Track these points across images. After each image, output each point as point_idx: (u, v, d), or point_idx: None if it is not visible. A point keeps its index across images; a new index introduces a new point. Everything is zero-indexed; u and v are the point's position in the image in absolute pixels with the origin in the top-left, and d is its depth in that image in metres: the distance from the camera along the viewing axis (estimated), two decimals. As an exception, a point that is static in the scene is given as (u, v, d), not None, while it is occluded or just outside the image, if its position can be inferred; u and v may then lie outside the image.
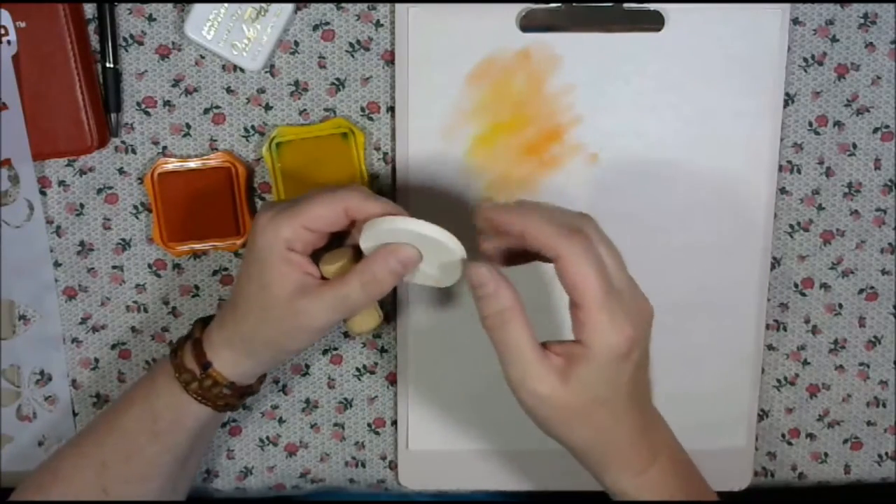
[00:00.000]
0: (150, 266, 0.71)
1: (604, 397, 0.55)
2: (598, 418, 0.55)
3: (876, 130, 0.71)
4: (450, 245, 0.57)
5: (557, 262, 0.54)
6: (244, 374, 0.62)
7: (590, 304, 0.53)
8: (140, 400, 0.63)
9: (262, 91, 0.69)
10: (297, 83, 0.69)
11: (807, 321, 0.73)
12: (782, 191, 0.71)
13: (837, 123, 0.70)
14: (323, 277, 0.59)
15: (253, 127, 0.70)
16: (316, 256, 0.60)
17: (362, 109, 0.70)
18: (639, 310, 0.56)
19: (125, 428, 0.62)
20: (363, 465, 0.74)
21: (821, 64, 0.70)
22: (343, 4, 0.68)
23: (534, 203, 0.57)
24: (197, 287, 0.71)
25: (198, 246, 0.70)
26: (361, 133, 0.68)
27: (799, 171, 0.71)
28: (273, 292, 0.58)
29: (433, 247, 0.58)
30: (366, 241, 0.59)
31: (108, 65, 0.68)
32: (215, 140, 0.70)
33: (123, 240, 0.71)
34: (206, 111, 0.69)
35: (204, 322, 0.64)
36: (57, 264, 0.71)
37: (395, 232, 0.58)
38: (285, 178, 0.68)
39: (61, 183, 0.70)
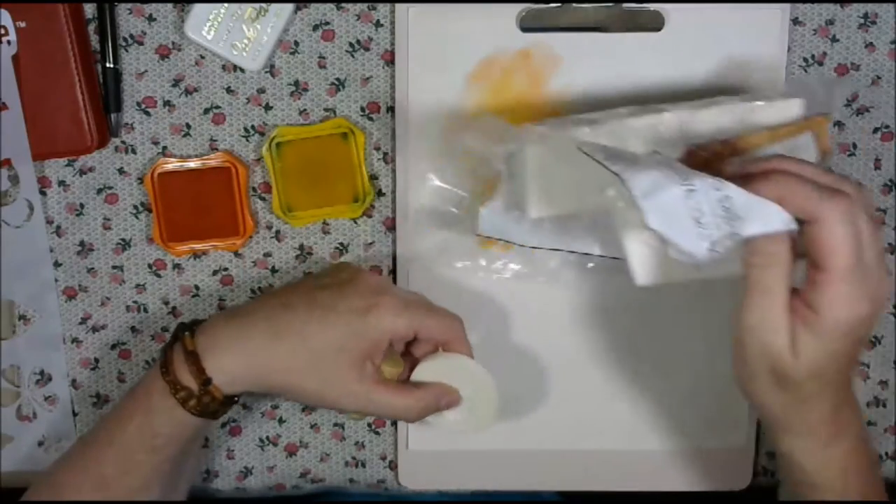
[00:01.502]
0: (150, 266, 0.71)
1: (817, 371, 0.54)
2: (805, 388, 0.55)
3: (876, 130, 0.71)
4: (491, 394, 0.65)
5: (813, 223, 0.51)
6: (238, 390, 0.61)
7: (835, 271, 0.51)
8: (138, 416, 0.61)
9: (262, 91, 0.69)
10: (297, 83, 0.69)
11: (807, 321, 0.73)
12: (782, 191, 0.71)
13: (837, 123, 0.70)
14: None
15: (253, 127, 0.70)
16: None
17: (362, 109, 0.70)
18: (880, 286, 0.54)
19: (123, 443, 0.61)
20: (363, 465, 0.74)
21: (821, 64, 0.70)
22: (343, 4, 0.68)
23: (789, 161, 0.54)
24: (197, 287, 0.71)
25: (198, 246, 0.70)
26: (361, 133, 0.68)
27: (799, 171, 0.71)
28: (345, 362, 0.60)
29: (476, 391, 0.65)
30: (425, 363, 0.65)
31: (108, 65, 0.68)
32: (215, 140, 0.70)
33: (123, 240, 0.71)
34: (206, 111, 0.69)
35: (188, 329, 0.62)
36: (57, 264, 0.71)
37: (450, 367, 0.65)
38: (285, 178, 0.68)
39: (61, 183, 0.70)
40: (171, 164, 0.69)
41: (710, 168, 0.54)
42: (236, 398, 0.62)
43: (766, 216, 0.52)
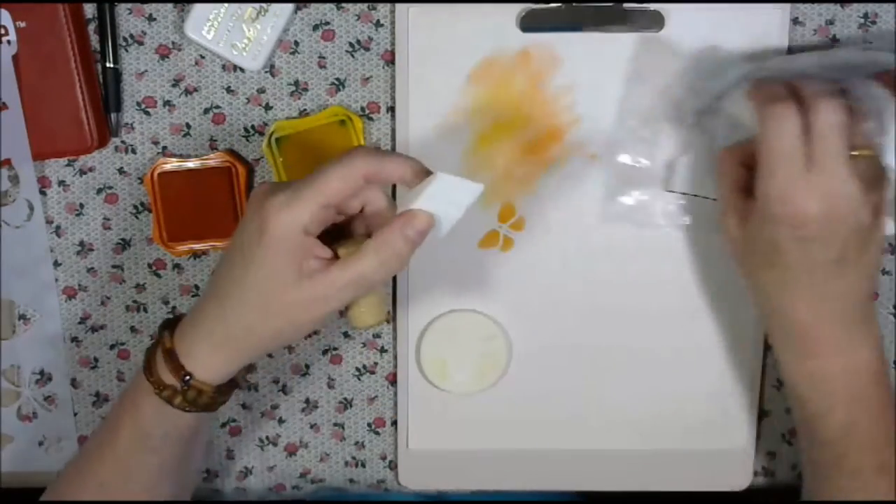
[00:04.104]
0: (149, 266, 0.71)
1: (768, 251, 0.58)
2: (770, 275, 0.60)
3: (876, 130, 0.70)
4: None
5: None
6: (228, 373, 0.58)
7: (764, 161, 0.57)
8: (128, 421, 0.59)
9: (262, 91, 0.69)
10: (297, 83, 0.69)
11: (807, 321, 0.73)
12: (782, 191, 0.71)
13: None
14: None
15: (253, 127, 0.70)
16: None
17: (362, 109, 0.70)
18: (830, 193, 0.56)
19: (119, 451, 0.60)
20: (363, 465, 0.74)
21: (821, 64, 0.70)
22: (343, 4, 0.68)
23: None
24: (197, 287, 0.71)
25: (197, 246, 0.70)
26: (359, 119, 0.68)
27: (799, 171, 0.71)
28: (281, 280, 0.54)
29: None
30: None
31: (108, 65, 0.68)
32: (215, 140, 0.70)
33: (123, 240, 0.71)
34: (206, 111, 0.69)
35: (169, 327, 0.59)
36: (57, 264, 0.71)
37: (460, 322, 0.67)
38: (288, 172, 0.68)
39: (61, 183, 0.70)
40: (171, 164, 0.69)
41: None
42: (235, 386, 0.60)
43: None
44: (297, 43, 0.69)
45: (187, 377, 0.57)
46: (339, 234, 0.58)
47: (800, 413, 0.63)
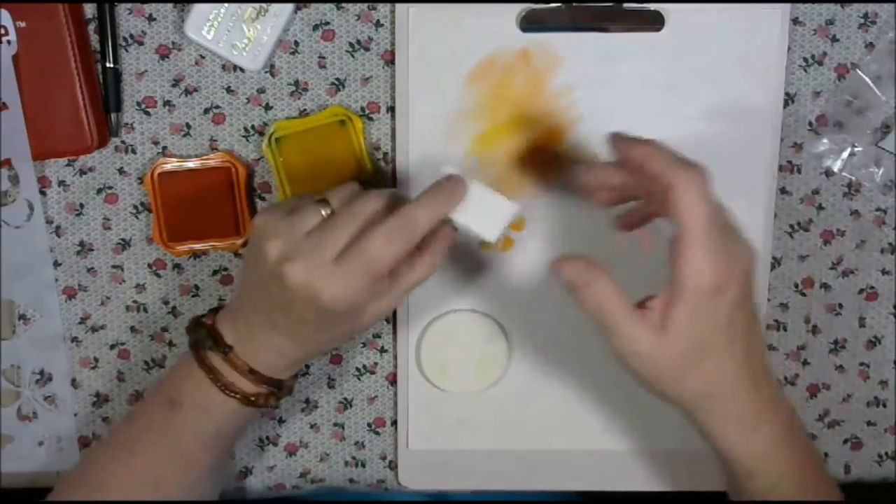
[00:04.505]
0: (149, 266, 0.71)
1: (705, 340, 0.54)
2: (705, 366, 0.55)
3: (876, 130, 0.71)
4: (502, 347, 0.69)
5: (670, 192, 0.53)
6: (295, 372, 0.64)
7: (692, 235, 0.53)
8: (202, 428, 0.62)
9: (262, 91, 0.69)
10: (297, 83, 0.69)
11: (807, 321, 0.73)
12: (782, 191, 0.71)
13: (838, 123, 0.70)
14: None
15: (253, 127, 0.70)
16: None
17: (362, 109, 0.70)
18: (740, 250, 0.55)
19: (185, 451, 0.62)
20: (363, 465, 0.74)
21: (821, 64, 0.70)
22: (343, 4, 0.68)
23: (654, 141, 0.57)
24: (197, 287, 0.71)
25: (198, 246, 0.70)
26: (359, 119, 0.68)
27: (799, 171, 0.71)
28: (360, 318, 0.59)
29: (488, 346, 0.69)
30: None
31: (108, 65, 0.68)
32: (215, 140, 0.70)
33: (123, 240, 0.71)
34: (206, 111, 0.69)
35: (216, 341, 0.61)
36: (57, 264, 0.71)
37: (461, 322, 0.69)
38: (288, 172, 0.68)
39: (61, 183, 0.70)
40: (171, 164, 0.69)
41: None
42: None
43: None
44: (297, 43, 0.69)
45: (280, 382, 0.62)
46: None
47: (748, 483, 0.59)
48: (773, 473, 0.58)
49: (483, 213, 0.59)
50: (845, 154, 0.71)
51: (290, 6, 0.67)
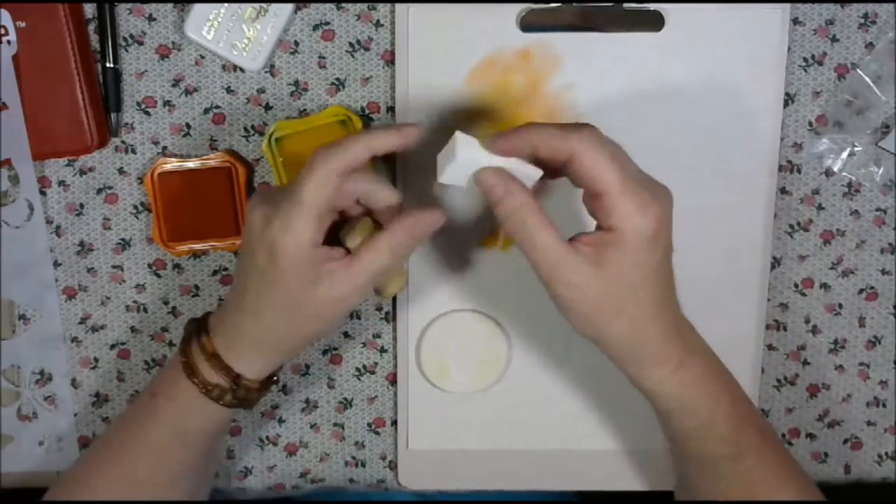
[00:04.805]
0: (149, 266, 0.71)
1: (637, 284, 0.55)
2: (634, 307, 0.56)
3: (876, 130, 0.71)
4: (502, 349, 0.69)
5: (573, 159, 0.54)
6: (269, 371, 0.61)
7: (614, 190, 0.53)
8: (165, 417, 0.61)
9: (262, 91, 0.69)
10: (297, 83, 0.69)
11: (807, 321, 0.73)
12: (782, 191, 0.71)
13: (838, 123, 0.70)
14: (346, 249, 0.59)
15: (253, 127, 0.70)
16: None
17: (362, 109, 0.70)
18: (659, 190, 0.56)
19: (153, 443, 0.62)
20: (363, 465, 0.74)
21: (821, 64, 0.70)
22: (343, 4, 0.68)
23: (534, 122, 0.57)
24: (197, 287, 0.71)
25: (197, 246, 0.70)
26: (359, 119, 0.68)
27: (799, 171, 0.71)
28: (307, 292, 0.57)
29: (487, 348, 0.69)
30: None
31: (108, 65, 0.68)
32: (215, 140, 0.70)
33: (123, 240, 0.71)
34: (206, 111, 0.69)
35: (200, 330, 0.61)
36: (57, 264, 0.71)
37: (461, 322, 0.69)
38: (288, 172, 0.68)
39: (61, 183, 0.70)
40: (171, 164, 0.69)
41: None
42: (275, 378, 0.63)
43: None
44: (297, 43, 0.69)
45: (237, 377, 0.60)
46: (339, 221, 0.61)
47: (684, 422, 0.60)
48: (706, 409, 0.59)
49: (476, 159, 0.57)
50: (845, 154, 0.71)
51: (290, 6, 0.67)
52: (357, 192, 0.60)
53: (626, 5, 0.67)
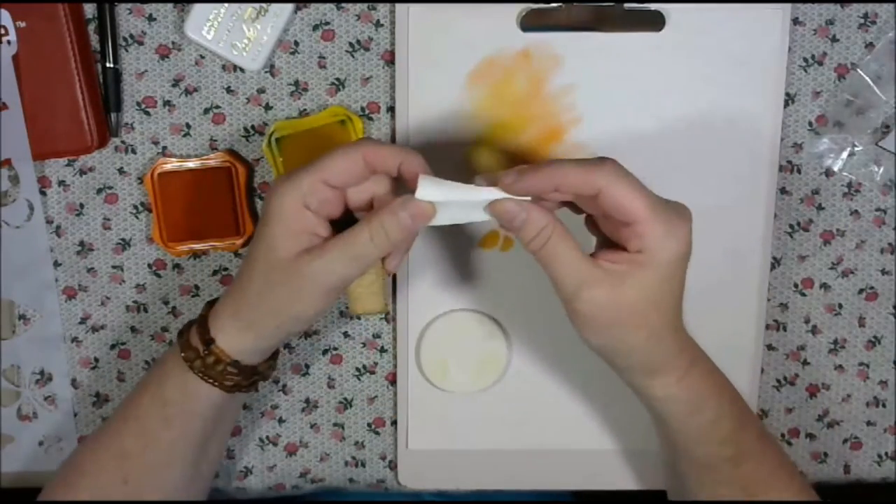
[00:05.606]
0: (149, 266, 0.71)
1: (660, 299, 0.57)
2: (653, 319, 0.57)
3: (876, 130, 0.71)
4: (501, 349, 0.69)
5: (600, 194, 0.55)
6: (248, 351, 0.60)
7: (643, 217, 0.55)
8: (152, 386, 0.62)
9: (262, 91, 0.69)
10: (297, 83, 0.69)
11: (807, 321, 0.73)
12: (782, 191, 0.71)
13: (838, 123, 0.70)
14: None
15: (253, 127, 0.70)
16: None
17: (362, 109, 0.70)
18: (682, 211, 0.58)
19: (138, 416, 0.62)
20: (363, 465, 0.74)
21: (821, 64, 0.70)
22: (343, 4, 0.68)
23: (552, 160, 0.58)
24: (197, 287, 0.71)
25: (197, 246, 0.70)
26: (359, 119, 0.68)
27: (799, 171, 0.71)
28: (278, 253, 0.57)
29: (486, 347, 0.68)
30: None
31: (108, 65, 0.68)
32: (215, 140, 0.70)
33: (123, 240, 0.71)
34: (206, 111, 0.69)
35: (213, 302, 0.62)
36: (57, 264, 0.71)
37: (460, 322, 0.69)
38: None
39: (61, 183, 0.70)
40: (171, 164, 0.69)
41: None
42: (256, 374, 0.61)
43: None
44: (297, 43, 0.69)
45: (210, 341, 0.59)
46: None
47: (688, 424, 0.61)
48: (709, 410, 0.60)
49: (460, 204, 0.57)
50: (845, 154, 0.71)
51: (290, 6, 0.67)
52: (375, 194, 0.59)
53: (626, 5, 0.67)
